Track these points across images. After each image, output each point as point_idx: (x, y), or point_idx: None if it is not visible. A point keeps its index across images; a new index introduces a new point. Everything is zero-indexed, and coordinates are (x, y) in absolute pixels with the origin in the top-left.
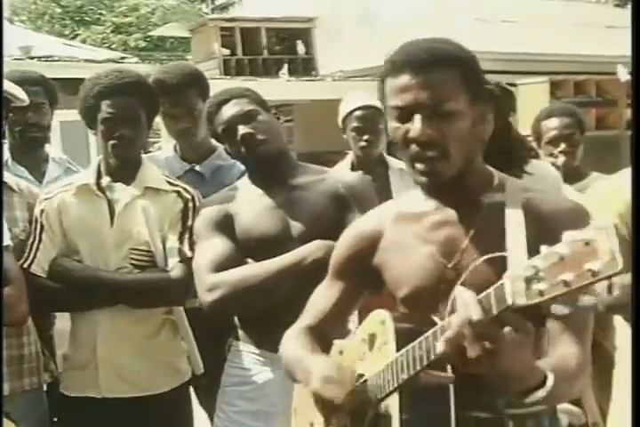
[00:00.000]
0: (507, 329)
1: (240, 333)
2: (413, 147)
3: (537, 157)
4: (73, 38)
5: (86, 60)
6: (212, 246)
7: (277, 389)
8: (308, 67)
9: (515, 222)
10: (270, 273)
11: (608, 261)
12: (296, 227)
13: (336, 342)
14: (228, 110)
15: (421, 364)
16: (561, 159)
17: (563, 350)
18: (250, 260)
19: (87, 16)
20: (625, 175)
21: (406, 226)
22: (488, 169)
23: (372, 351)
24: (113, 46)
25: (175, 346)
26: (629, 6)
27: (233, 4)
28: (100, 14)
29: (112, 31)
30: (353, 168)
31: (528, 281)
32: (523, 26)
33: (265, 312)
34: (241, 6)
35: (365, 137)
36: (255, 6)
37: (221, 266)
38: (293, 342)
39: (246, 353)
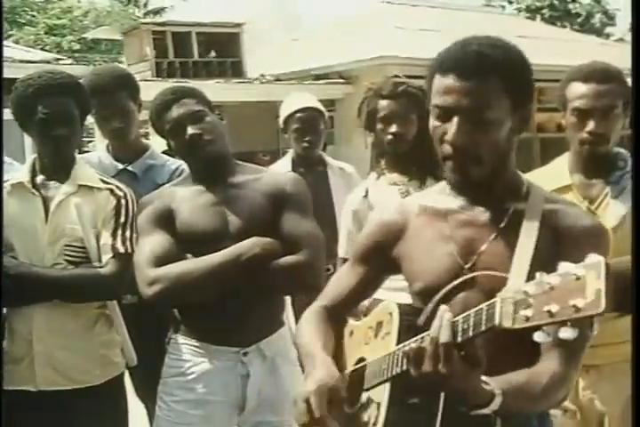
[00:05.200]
0: (459, 355)
1: (180, 326)
2: (447, 147)
3: None
4: (6, 39)
5: (21, 61)
6: (153, 241)
7: (215, 379)
8: (237, 70)
9: (526, 238)
10: (209, 268)
11: (592, 300)
12: (234, 224)
13: (350, 322)
14: (178, 109)
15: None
16: None
17: (542, 366)
18: (189, 255)
19: (20, 17)
20: (540, 174)
21: (430, 221)
22: (519, 176)
23: (377, 339)
24: (47, 48)
25: (109, 339)
26: (539, 19)
27: (164, 9)
28: (33, 16)
29: (45, 33)
30: (293, 166)
31: (517, 305)
32: (440, 35)
33: (205, 306)
34: (172, 11)
35: (307, 138)
36: (186, 11)
37: (162, 261)
38: (309, 324)
39: (186, 345)
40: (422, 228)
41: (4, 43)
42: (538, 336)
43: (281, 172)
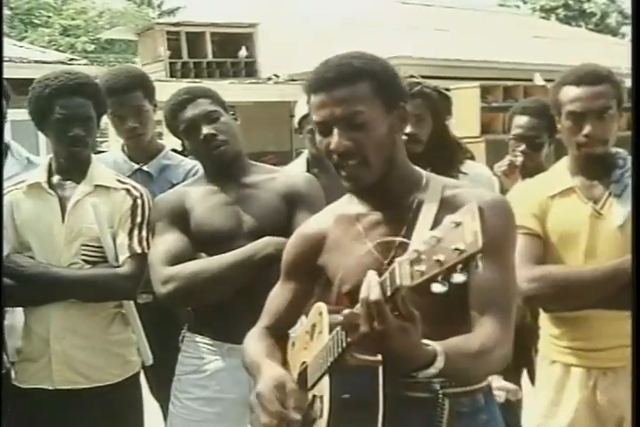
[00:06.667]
0: (394, 314)
1: (194, 324)
2: (335, 157)
3: (472, 158)
4: (21, 40)
5: (36, 62)
6: (168, 240)
7: (228, 376)
8: (251, 70)
9: (425, 217)
10: (223, 267)
11: (471, 241)
12: (248, 223)
13: (291, 334)
14: (193, 109)
15: (342, 346)
16: (519, 159)
17: (475, 331)
18: (203, 254)
19: (36, 18)
20: (542, 178)
21: (346, 227)
22: (416, 170)
23: (313, 340)
24: (61, 48)
25: (126, 338)
26: (553, 18)
27: (178, 9)
28: (48, 17)
29: (60, 33)
30: (308, 167)
31: (412, 264)
32: (455, 34)
33: (218, 305)
34: (186, 11)
35: None
36: (200, 11)
37: (176, 259)
38: (253, 343)
39: (199, 343)
40: (339, 235)
41: (19, 43)
42: (435, 287)
43: (295, 172)
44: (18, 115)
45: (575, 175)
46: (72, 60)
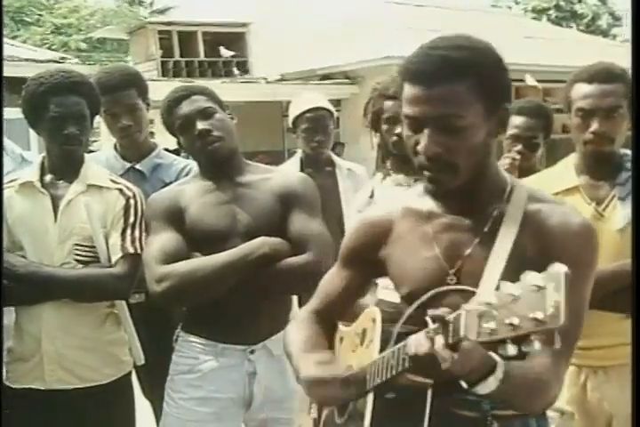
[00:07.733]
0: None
1: (188, 324)
2: (421, 158)
3: None
4: (13, 39)
5: (28, 60)
6: (163, 239)
7: (222, 376)
8: (242, 69)
9: (501, 245)
10: (217, 267)
11: (552, 313)
12: (243, 223)
13: (340, 327)
14: (188, 106)
15: (391, 373)
16: (517, 157)
17: (533, 359)
18: (197, 254)
19: (27, 17)
20: (547, 175)
21: (414, 224)
22: (503, 177)
23: (362, 346)
24: (53, 47)
25: (118, 338)
26: (545, 19)
27: (170, 9)
28: (40, 15)
29: (52, 32)
30: (302, 166)
31: (481, 317)
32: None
33: (213, 304)
34: (178, 10)
35: (316, 138)
36: (192, 11)
37: (171, 258)
38: (298, 328)
39: (193, 343)
40: (406, 230)
41: (11, 42)
42: (502, 349)
43: (290, 172)
44: (9, 113)
45: (581, 174)
46: (64, 59)
